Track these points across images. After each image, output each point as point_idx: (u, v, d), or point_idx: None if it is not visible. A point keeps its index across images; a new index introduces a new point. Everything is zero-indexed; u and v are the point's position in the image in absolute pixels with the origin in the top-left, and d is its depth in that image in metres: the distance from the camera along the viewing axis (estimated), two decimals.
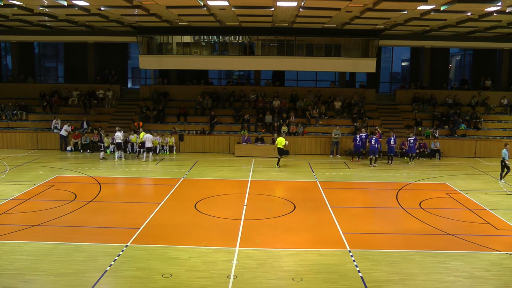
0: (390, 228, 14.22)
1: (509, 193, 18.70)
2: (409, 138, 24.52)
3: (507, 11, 19.14)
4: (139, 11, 21.11)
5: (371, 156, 23.61)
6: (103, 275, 10.34)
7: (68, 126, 26.91)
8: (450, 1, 17.63)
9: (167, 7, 20.41)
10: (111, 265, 10.85)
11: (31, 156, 25.12)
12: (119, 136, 24.53)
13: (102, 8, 21.00)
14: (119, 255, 11.42)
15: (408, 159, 24.52)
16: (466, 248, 12.41)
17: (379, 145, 23.78)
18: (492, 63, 33.41)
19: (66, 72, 35.20)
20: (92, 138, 26.61)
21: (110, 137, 26.36)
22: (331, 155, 26.53)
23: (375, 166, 23.33)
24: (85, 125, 27.99)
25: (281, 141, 23.21)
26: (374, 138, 23.63)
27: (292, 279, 10.36)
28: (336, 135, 26.37)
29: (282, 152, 23.55)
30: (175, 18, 24.13)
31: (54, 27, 28.10)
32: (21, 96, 30.17)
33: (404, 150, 25.31)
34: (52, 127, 27.77)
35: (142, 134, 24.69)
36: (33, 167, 22.30)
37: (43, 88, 31.12)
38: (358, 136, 24.81)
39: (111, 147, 25.47)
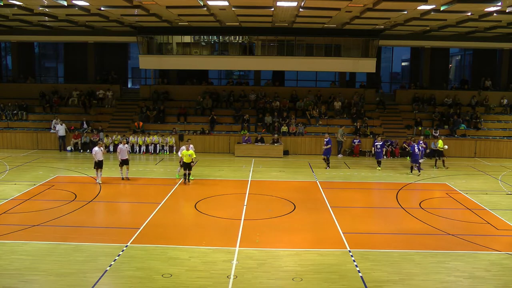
0: (390, 228, 14.22)
1: (509, 193, 18.70)
2: (419, 142, 22.22)
3: (507, 11, 19.14)
4: (139, 11, 21.11)
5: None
6: (103, 275, 10.34)
7: (61, 124, 26.77)
8: (450, 1, 17.62)
9: (167, 7, 20.41)
10: (111, 265, 10.85)
11: (31, 156, 25.12)
12: (97, 152, 18.93)
13: (102, 8, 21.00)
14: (119, 255, 11.42)
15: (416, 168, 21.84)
16: (466, 248, 12.41)
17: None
18: (492, 63, 33.41)
19: (66, 72, 35.18)
20: (92, 138, 26.62)
21: (110, 137, 26.43)
22: (339, 155, 26.72)
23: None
24: (85, 125, 28.00)
25: (441, 143, 23.49)
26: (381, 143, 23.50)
27: (292, 279, 10.36)
28: (341, 135, 26.57)
29: (441, 153, 23.68)
30: (175, 18, 24.13)
31: (54, 27, 28.10)
32: (21, 96, 30.15)
33: (406, 150, 25.40)
34: (52, 127, 27.77)
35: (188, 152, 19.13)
36: (33, 167, 22.30)
37: (43, 88, 31.12)
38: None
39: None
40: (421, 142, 22.68)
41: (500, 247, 12.44)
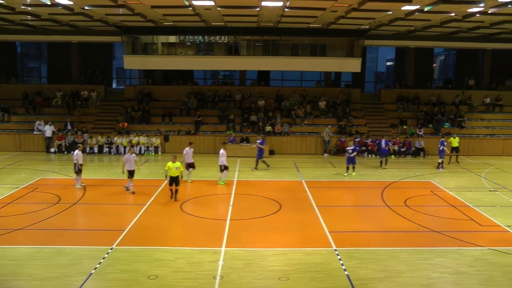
0: (375, 226, 14.31)
1: (492, 189, 18.98)
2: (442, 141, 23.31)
3: (489, 12, 19.41)
4: (124, 11, 20.93)
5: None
6: (88, 278, 10.22)
7: (50, 125, 26.46)
8: (434, 1, 17.81)
9: (152, 6, 20.27)
10: (96, 268, 10.73)
11: (13, 158, 24.72)
12: (78, 155, 18.39)
13: (86, 7, 20.76)
14: (104, 258, 11.30)
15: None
16: (450, 244, 12.57)
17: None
18: (475, 63, 33.88)
19: (49, 72, 34.74)
20: (76, 139, 26.30)
21: (94, 138, 26.18)
22: (325, 154, 26.88)
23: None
24: (69, 126, 27.65)
25: (455, 140, 23.68)
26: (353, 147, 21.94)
27: (279, 278, 10.36)
28: (328, 134, 26.75)
29: (456, 149, 24.13)
30: (160, 18, 23.97)
31: (37, 26, 27.69)
32: (3, 97, 29.62)
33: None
34: (35, 128, 27.38)
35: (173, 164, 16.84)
36: (16, 169, 21.95)
37: (26, 89, 30.63)
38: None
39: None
40: (444, 142, 23.10)
41: (484, 243, 12.62)
